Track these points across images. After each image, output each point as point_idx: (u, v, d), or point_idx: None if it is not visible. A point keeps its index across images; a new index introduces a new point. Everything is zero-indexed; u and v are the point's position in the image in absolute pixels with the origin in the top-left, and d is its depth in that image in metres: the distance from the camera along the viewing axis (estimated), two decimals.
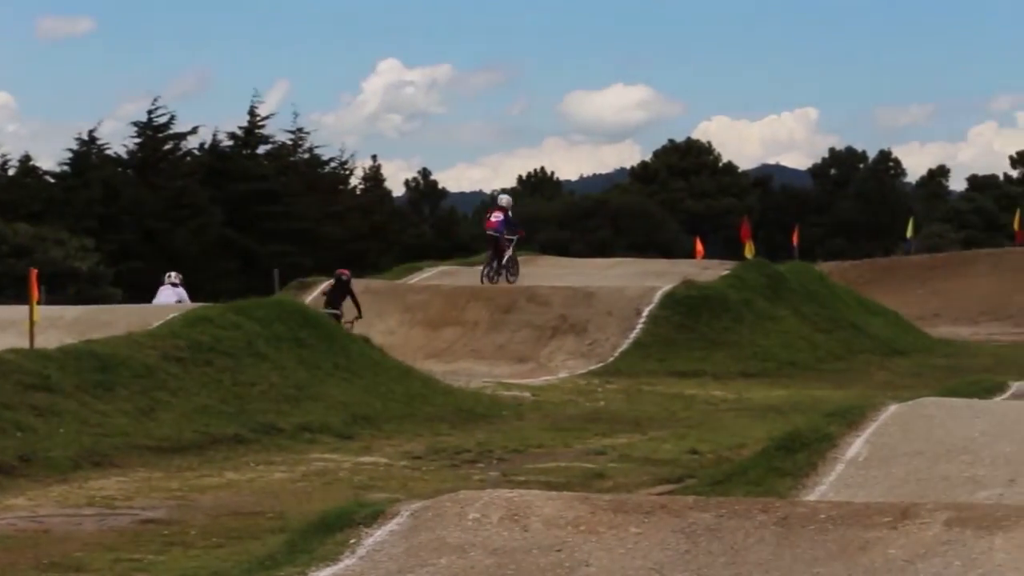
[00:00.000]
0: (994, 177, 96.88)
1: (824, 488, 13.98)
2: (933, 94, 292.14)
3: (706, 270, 36.05)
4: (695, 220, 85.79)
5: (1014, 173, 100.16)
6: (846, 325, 34.38)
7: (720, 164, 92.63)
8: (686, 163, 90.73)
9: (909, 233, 58.37)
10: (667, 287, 32.45)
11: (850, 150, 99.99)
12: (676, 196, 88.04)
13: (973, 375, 23.22)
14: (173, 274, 32.38)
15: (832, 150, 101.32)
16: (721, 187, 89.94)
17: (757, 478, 14.50)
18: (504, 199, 36.86)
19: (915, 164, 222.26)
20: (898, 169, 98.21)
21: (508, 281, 34.54)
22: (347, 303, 29.49)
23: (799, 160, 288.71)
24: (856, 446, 15.01)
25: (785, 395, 25.86)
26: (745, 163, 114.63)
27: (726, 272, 34.98)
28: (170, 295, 31.33)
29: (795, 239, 52.72)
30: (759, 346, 30.97)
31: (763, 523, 9.89)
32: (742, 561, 9.41)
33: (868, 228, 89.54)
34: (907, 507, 9.95)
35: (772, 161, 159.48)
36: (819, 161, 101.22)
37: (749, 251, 45.35)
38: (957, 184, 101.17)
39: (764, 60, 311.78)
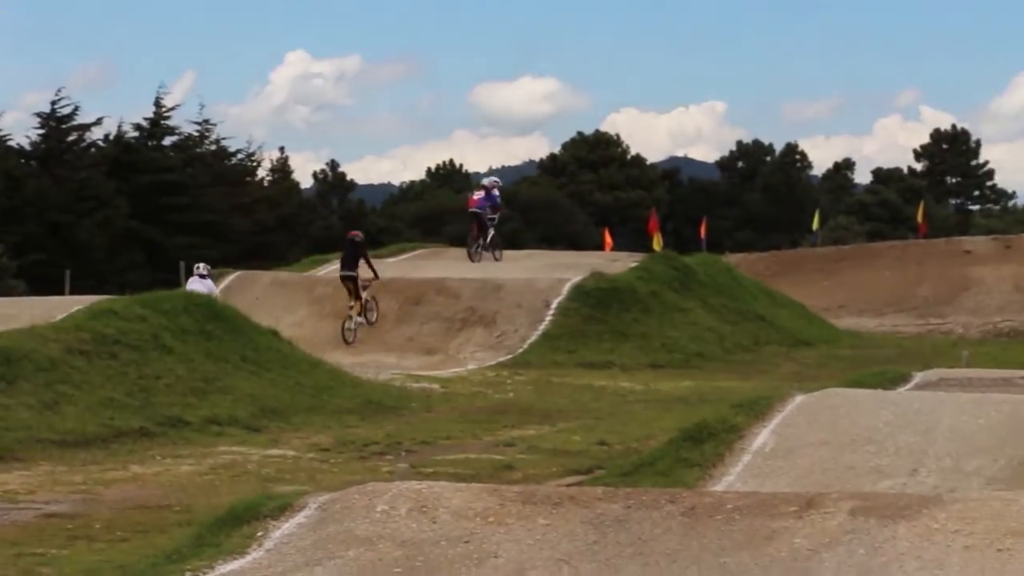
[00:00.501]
0: (898, 170, 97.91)
1: (731, 478, 14.08)
2: (839, 88, 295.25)
3: (615, 262, 36.17)
4: (604, 212, 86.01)
5: (918, 166, 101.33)
6: (753, 317, 34.63)
7: (628, 156, 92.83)
8: (595, 155, 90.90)
9: (815, 226, 59.01)
10: (576, 279, 32.51)
11: (757, 143, 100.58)
12: (585, 188, 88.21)
13: (878, 366, 23.47)
14: (201, 265, 32.10)
15: (739, 143, 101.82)
16: (629, 179, 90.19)
17: (665, 469, 14.57)
18: (488, 180, 37.96)
19: (821, 157, 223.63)
20: (804, 162, 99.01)
21: (494, 258, 35.96)
22: (362, 266, 30.29)
23: (707, 153, 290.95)
24: (763, 437, 15.12)
25: (693, 386, 26.00)
26: (653, 155, 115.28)
27: (635, 264, 35.12)
28: (199, 288, 30.43)
29: (703, 231, 53.17)
30: (667, 338, 31.11)
31: (670, 513, 9.93)
32: (650, 551, 9.44)
33: (775, 220, 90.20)
34: (812, 497, 10.04)
35: (680, 153, 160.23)
36: (726, 154, 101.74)
37: (657, 243, 45.67)
38: (862, 177, 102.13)
39: (672, 53, 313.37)
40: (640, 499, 10.29)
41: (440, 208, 79.72)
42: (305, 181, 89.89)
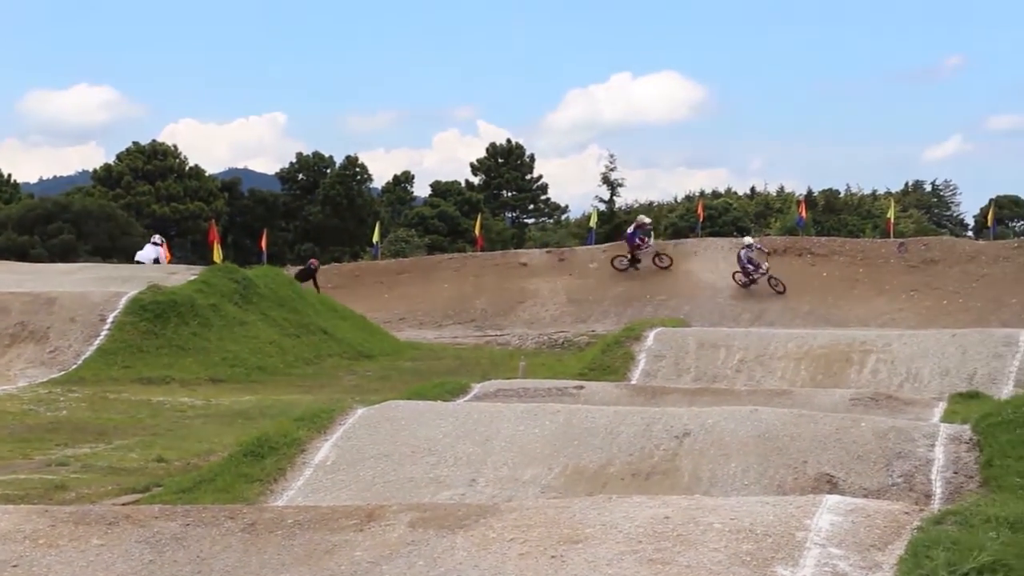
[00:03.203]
0: (457, 183, 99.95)
1: (292, 493, 14.01)
2: (399, 102, 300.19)
3: (173, 275, 35.54)
4: (162, 224, 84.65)
5: (475, 180, 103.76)
6: (315, 330, 34.64)
7: (187, 168, 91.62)
8: (152, 166, 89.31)
9: (376, 238, 59.55)
10: (133, 292, 31.81)
11: (318, 155, 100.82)
12: (142, 200, 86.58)
13: (438, 378, 23.82)
14: (157, 236, 40.92)
15: (300, 155, 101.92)
16: (188, 191, 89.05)
17: (225, 485, 14.37)
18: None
19: (381, 170, 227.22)
20: (365, 175, 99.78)
21: None
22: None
23: (267, 165, 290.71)
24: (324, 450, 15.12)
25: (254, 400, 25.78)
26: (213, 167, 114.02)
27: (194, 277, 34.62)
28: (150, 252, 39.50)
29: (263, 244, 52.93)
30: (228, 351, 30.78)
31: (230, 530, 9.77)
32: (208, 570, 9.25)
33: (336, 233, 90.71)
34: (373, 509, 10.04)
35: (240, 165, 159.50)
36: (287, 166, 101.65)
37: (217, 256, 45.16)
38: (422, 190, 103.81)
39: (232, 64, 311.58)
40: (199, 516, 10.09)
41: None
42: None
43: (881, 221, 72.35)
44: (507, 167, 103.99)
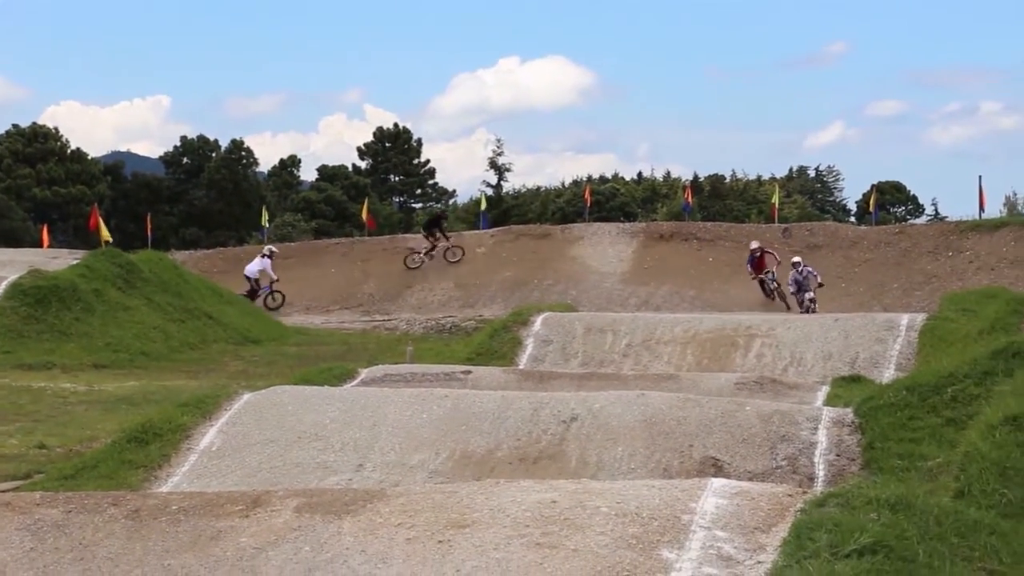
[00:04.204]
0: (343, 167, 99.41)
1: (177, 479, 13.91)
2: (284, 85, 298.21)
3: (55, 259, 35.08)
4: (43, 208, 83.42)
5: (362, 164, 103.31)
6: (200, 315, 34.35)
7: (69, 151, 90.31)
8: (32, 149, 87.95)
9: (264, 222, 59.20)
10: (13, 277, 31.37)
11: (202, 139, 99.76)
12: (22, 183, 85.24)
13: (325, 363, 23.71)
14: (272, 247, 43.03)
15: (184, 138, 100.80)
16: (70, 174, 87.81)
17: (109, 471, 14.23)
18: None
19: (267, 154, 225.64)
20: (251, 159, 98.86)
21: None
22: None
23: (151, 148, 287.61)
24: (210, 436, 15.02)
25: (138, 386, 25.51)
26: (96, 150, 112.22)
27: (76, 261, 34.17)
28: (256, 264, 40.75)
29: (148, 228, 52.49)
30: (111, 336, 30.43)
31: (113, 516, 9.66)
32: (91, 556, 9.15)
33: (222, 217, 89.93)
34: (259, 495, 9.99)
35: (124, 148, 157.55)
36: (171, 149, 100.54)
37: (105, 235, 44.72)
38: (308, 174, 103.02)
39: (116, 46, 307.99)
40: (82, 503, 9.97)
41: None
42: None
43: (766, 206, 73.12)
44: (394, 151, 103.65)
